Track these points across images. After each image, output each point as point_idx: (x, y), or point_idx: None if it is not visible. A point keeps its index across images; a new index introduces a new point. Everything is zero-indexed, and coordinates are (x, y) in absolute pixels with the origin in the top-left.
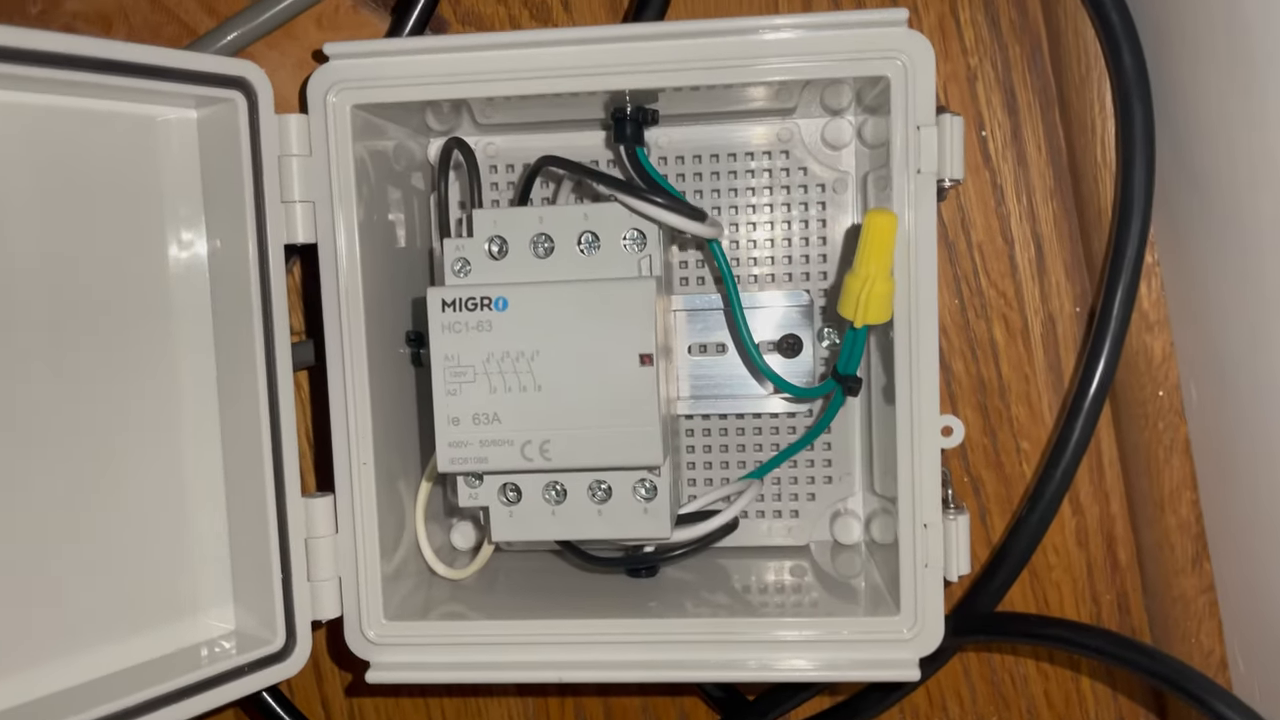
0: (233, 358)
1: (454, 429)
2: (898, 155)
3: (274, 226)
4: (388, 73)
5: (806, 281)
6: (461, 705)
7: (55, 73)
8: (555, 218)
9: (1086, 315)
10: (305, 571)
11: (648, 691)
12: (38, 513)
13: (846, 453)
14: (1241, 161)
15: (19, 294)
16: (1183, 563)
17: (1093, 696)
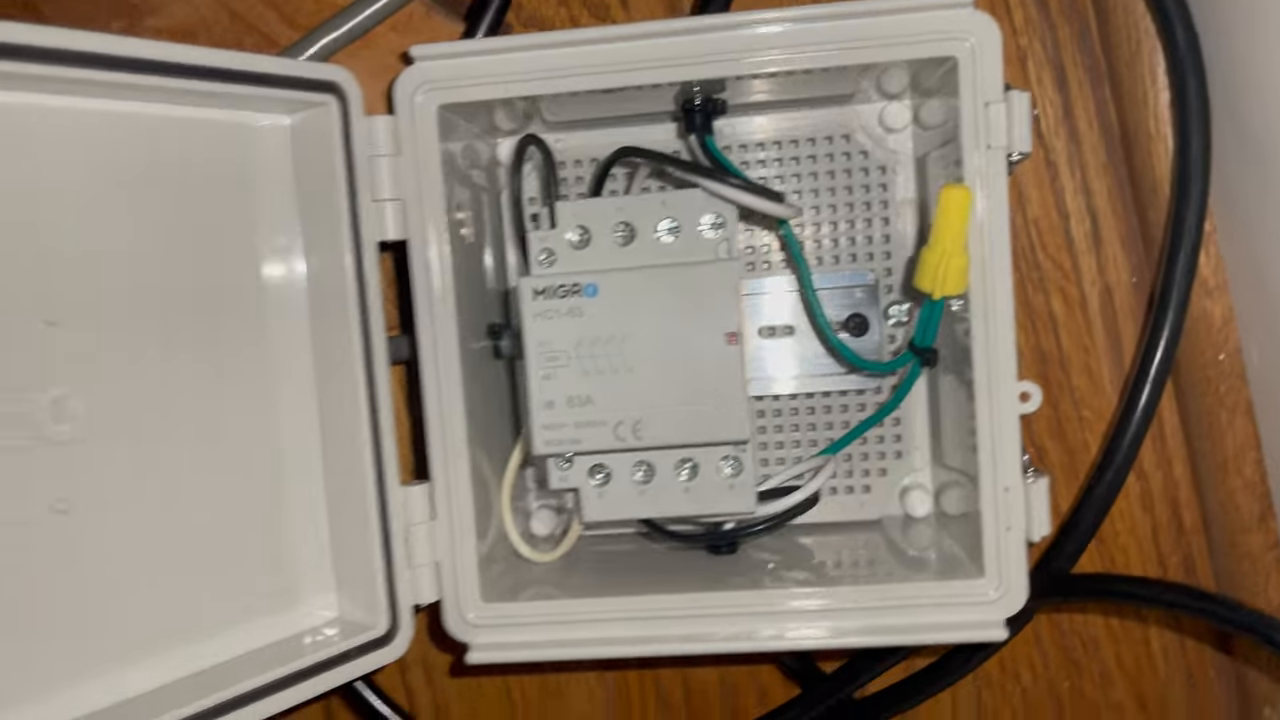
0: (331, 353)
1: (549, 412)
2: (968, 132)
3: (367, 224)
4: (469, 73)
5: (870, 261)
6: (541, 684)
7: (162, 80)
8: (635, 206)
9: (1145, 285)
10: (405, 558)
11: (725, 663)
12: (145, 507)
13: (914, 428)
14: None
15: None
16: (1249, 521)
17: (1163, 657)
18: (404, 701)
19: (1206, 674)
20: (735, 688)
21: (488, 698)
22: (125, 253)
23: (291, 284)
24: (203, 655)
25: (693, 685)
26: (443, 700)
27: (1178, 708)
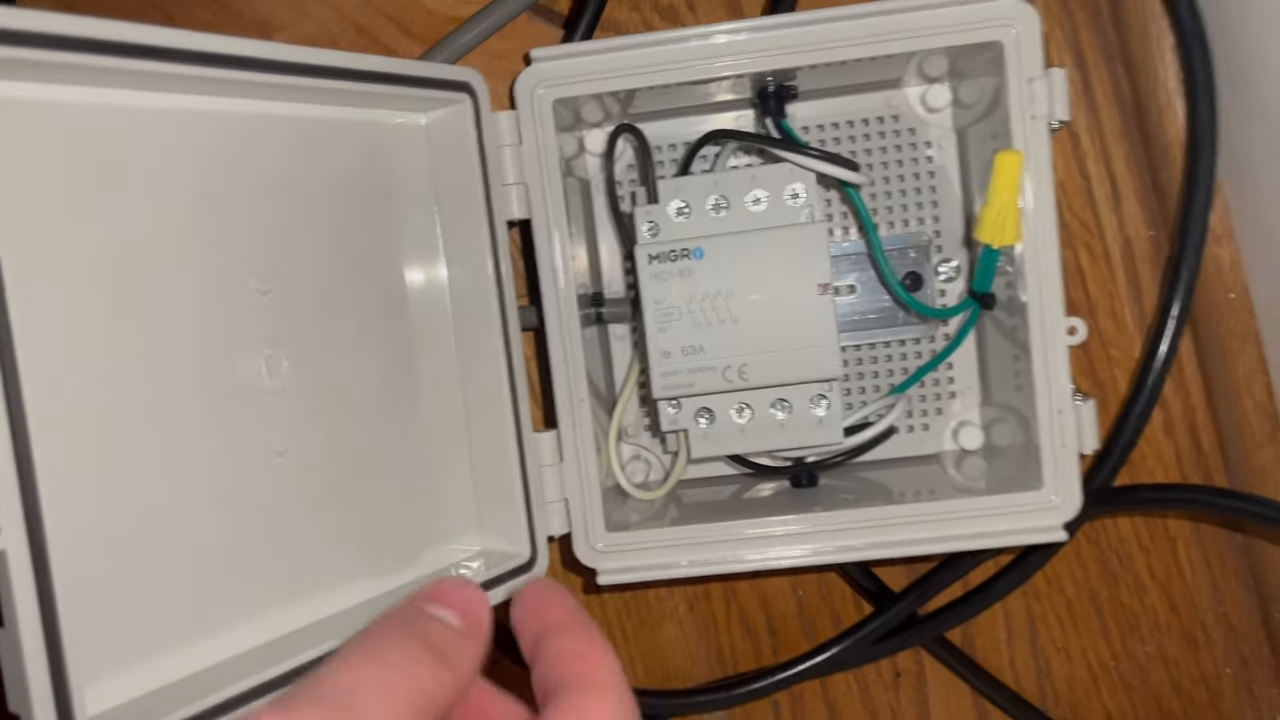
0: (472, 319)
1: (666, 360)
2: (1015, 105)
3: (497, 206)
4: (579, 70)
5: (921, 225)
6: (639, 621)
7: (320, 82)
8: (727, 181)
9: (1160, 238)
10: (540, 495)
11: (803, 587)
12: (334, 455)
13: (965, 371)
14: None
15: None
16: (1261, 438)
17: (1189, 565)
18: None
19: (1229, 580)
20: (812, 612)
21: None
22: (305, 233)
23: (433, 262)
24: (380, 584)
25: (773, 611)
26: None
27: (1205, 610)
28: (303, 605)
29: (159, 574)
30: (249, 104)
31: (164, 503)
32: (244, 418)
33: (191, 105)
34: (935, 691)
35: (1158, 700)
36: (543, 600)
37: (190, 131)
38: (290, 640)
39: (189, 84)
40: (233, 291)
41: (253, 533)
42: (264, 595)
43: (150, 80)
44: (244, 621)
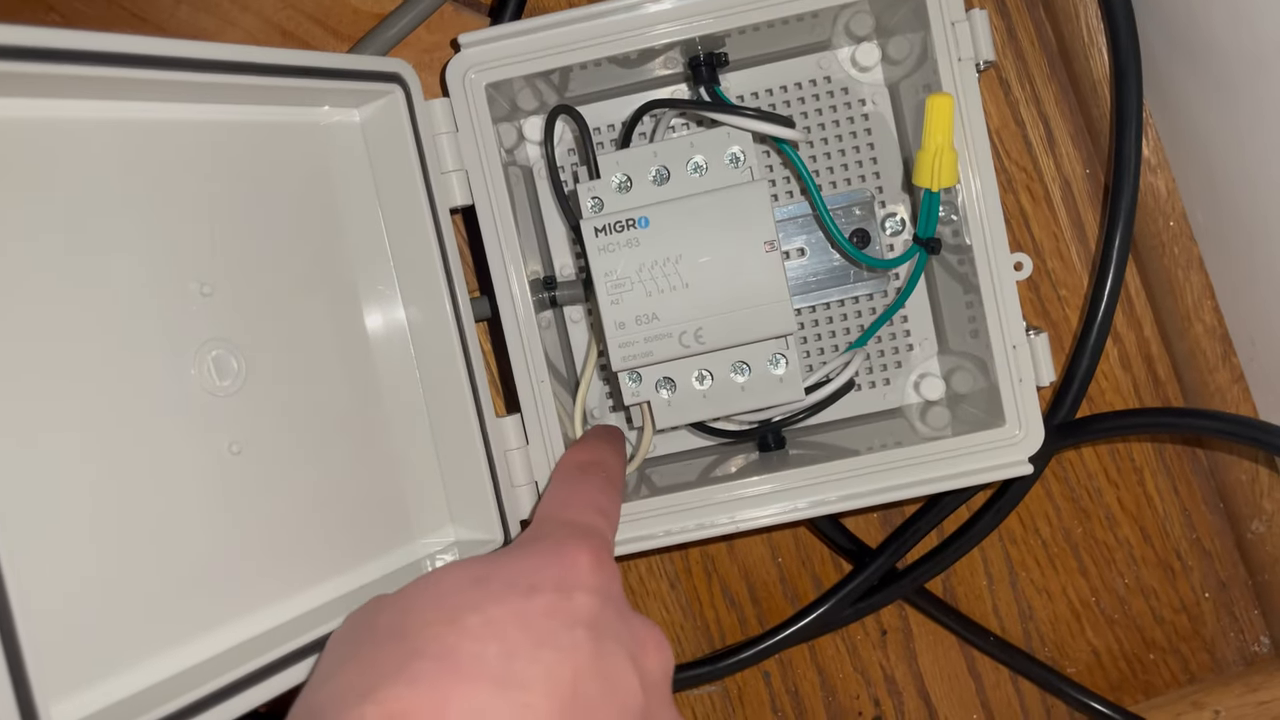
0: (425, 311)
1: (621, 332)
2: (940, 49)
3: (439, 194)
4: (509, 53)
5: (863, 182)
6: None
7: (250, 79)
8: (667, 150)
9: (1097, 175)
10: (508, 479)
11: (782, 554)
12: (294, 451)
13: (919, 322)
14: (1214, 12)
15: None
16: (1214, 361)
17: (1157, 494)
18: None
19: (1199, 505)
20: (793, 578)
21: None
22: (246, 235)
23: (380, 257)
24: (350, 581)
25: (754, 581)
26: None
27: (1179, 537)
28: (273, 605)
29: (119, 583)
30: (181, 108)
31: (118, 510)
32: (195, 418)
33: (123, 113)
34: (922, 645)
35: (1141, 631)
36: (586, 440)
37: (123, 138)
38: (261, 640)
39: (118, 88)
40: (173, 294)
41: (214, 535)
42: (232, 597)
43: (79, 86)
44: (212, 625)
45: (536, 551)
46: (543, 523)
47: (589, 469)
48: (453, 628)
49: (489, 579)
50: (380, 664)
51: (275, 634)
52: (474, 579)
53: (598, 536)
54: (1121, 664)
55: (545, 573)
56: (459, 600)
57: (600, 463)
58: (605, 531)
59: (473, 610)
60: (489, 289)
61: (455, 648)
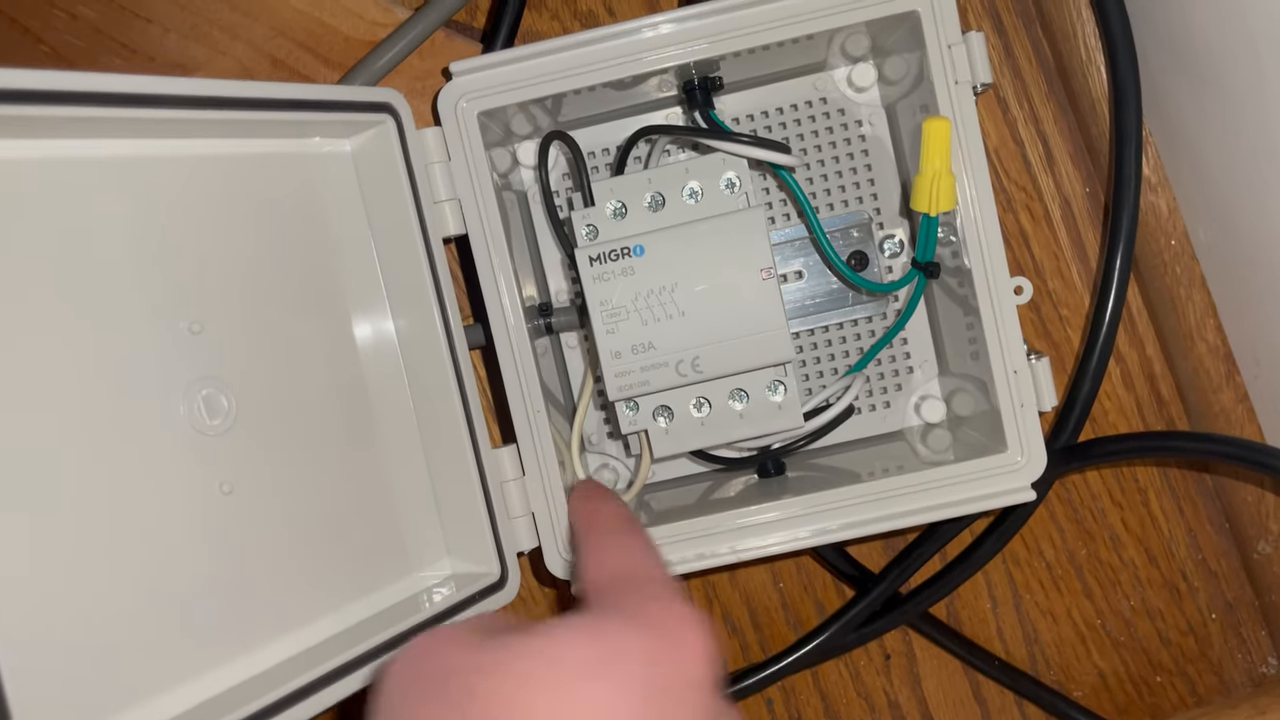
0: (419, 342)
1: (618, 362)
2: (937, 72)
3: (431, 224)
4: (501, 81)
5: (860, 204)
6: None
7: (239, 114)
8: (662, 176)
9: (1097, 193)
10: (504, 511)
11: (783, 580)
12: (288, 489)
13: (921, 344)
14: (1212, 30)
15: (245, 306)
16: (1218, 381)
17: (1162, 515)
18: None
19: (1204, 526)
20: (795, 604)
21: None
22: (237, 271)
23: (374, 288)
24: (347, 618)
25: (756, 607)
26: None
27: (1184, 558)
28: (267, 645)
29: (108, 626)
30: (170, 144)
31: (107, 552)
32: (185, 458)
33: (111, 150)
34: (927, 670)
35: (1147, 654)
36: (590, 499)
37: (112, 176)
38: (256, 682)
39: (107, 127)
40: (163, 333)
41: (205, 576)
42: (225, 638)
43: (67, 127)
44: (205, 668)
45: (648, 623)
46: (625, 588)
47: (621, 521)
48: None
49: (612, 660)
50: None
51: (271, 675)
52: (598, 660)
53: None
54: (1128, 686)
55: (669, 655)
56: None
57: (620, 514)
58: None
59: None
60: (483, 316)
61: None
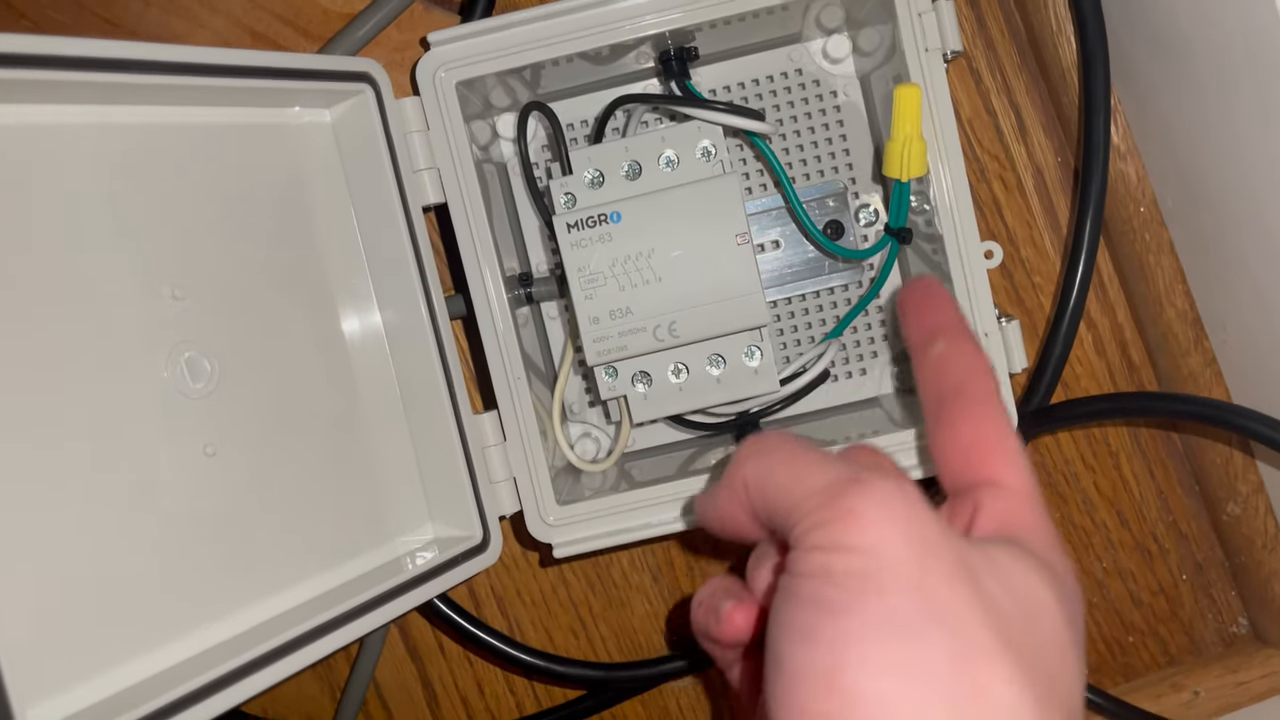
0: (400, 310)
1: (595, 327)
2: (907, 39)
3: (411, 192)
4: (479, 50)
5: (836, 174)
6: (606, 599)
7: (220, 81)
8: (639, 145)
9: (1068, 162)
10: (486, 476)
11: None
12: (271, 451)
13: (895, 312)
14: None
15: (227, 272)
16: (1186, 345)
17: (1134, 478)
18: (466, 598)
19: (1175, 489)
20: None
21: (558, 619)
22: (218, 239)
23: (355, 256)
24: (330, 579)
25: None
26: (517, 625)
27: (1155, 520)
28: (250, 606)
29: (94, 586)
30: (151, 111)
31: (93, 512)
32: (169, 421)
33: (91, 117)
34: None
35: (1119, 615)
36: (930, 297)
37: (92, 142)
38: (239, 640)
39: (87, 93)
40: (145, 298)
41: (190, 537)
42: (209, 598)
43: (47, 91)
44: (190, 627)
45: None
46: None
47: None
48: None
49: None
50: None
51: (253, 634)
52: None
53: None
54: (1100, 647)
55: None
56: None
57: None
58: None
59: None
60: (464, 286)
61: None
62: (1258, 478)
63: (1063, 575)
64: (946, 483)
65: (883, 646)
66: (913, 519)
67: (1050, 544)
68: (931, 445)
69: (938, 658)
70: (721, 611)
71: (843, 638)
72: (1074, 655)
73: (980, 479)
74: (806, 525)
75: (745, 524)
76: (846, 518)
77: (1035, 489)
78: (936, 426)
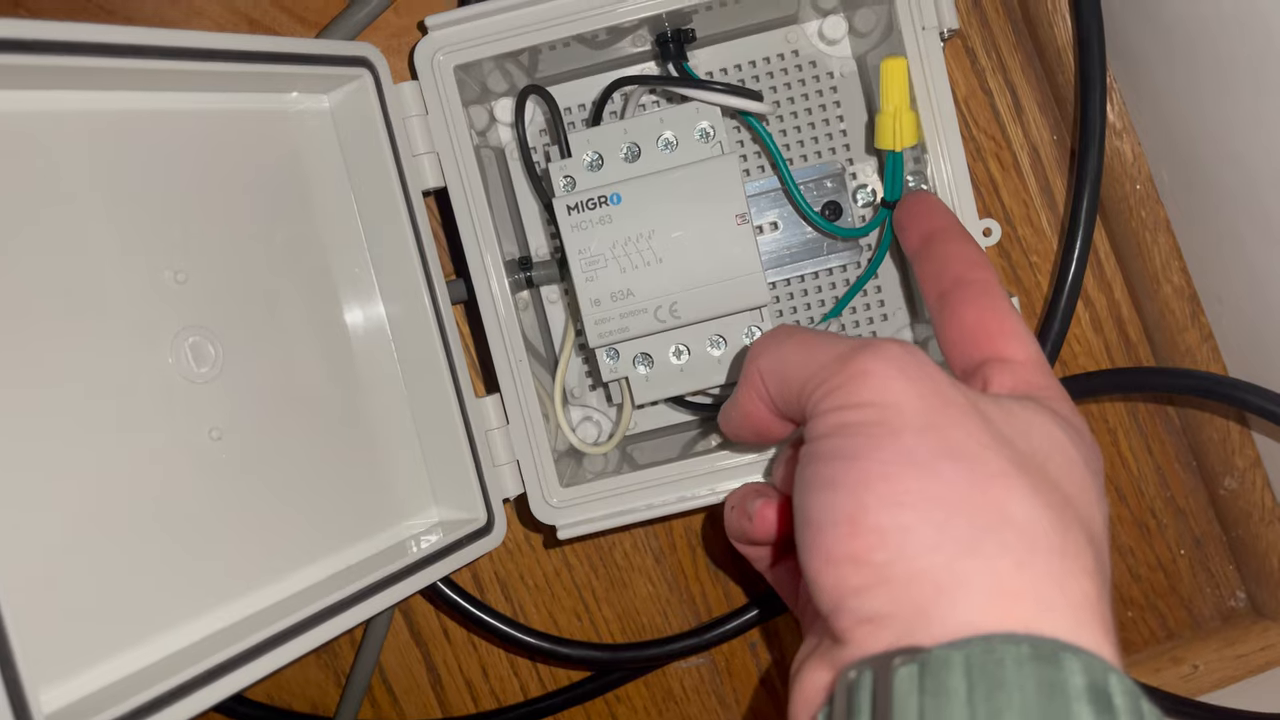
0: (401, 295)
1: (597, 309)
2: (904, 17)
3: (411, 177)
4: (476, 34)
5: (834, 155)
6: (609, 580)
7: (218, 66)
8: (637, 127)
9: (1064, 141)
10: (489, 458)
11: None
12: (278, 435)
13: (894, 292)
14: None
15: (228, 256)
16: (1183, 321)
17: (1131, 455)
18: (469, 581)
19: (1172, 464)
20: None
21: (562, 602)
22: (219, 223)
23: (355, 242)
24: (336, 563)
25: (740, 554)
26: (521, 609)
27: (1153, 496)
28: (258, 589)
29: (104, 570)
30: (151, 97)
31: (100, 497)
32: (174, 405)
33: (91, 103)
34: None
35: (1118, 590)
36: (924, 206)
37: (92, 128)
38: (248, 623)
39: (86, 78)
40: (147, 283)
41: (197, 520)
42: (217, 581)
43: (47, 77)
44: (198, 610)
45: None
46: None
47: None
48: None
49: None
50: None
51: (259, 617)
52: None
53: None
54: None
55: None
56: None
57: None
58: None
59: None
60: (464, 271)
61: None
62: (1255, 452)
63: (1078, 426)
64: (955, 367)
65: (901, 483)
66: (923, 372)
67: (1063, 401)
68: (938, 336)
69: (954, 485)
70: (752, 510)
71: (863, 480)
72: (1091, 485)
73: (988, 356)
74: (821, 393)
75: (766, 419)
76: (859, 377)
77: (1043, 358)
78: (940, 317)
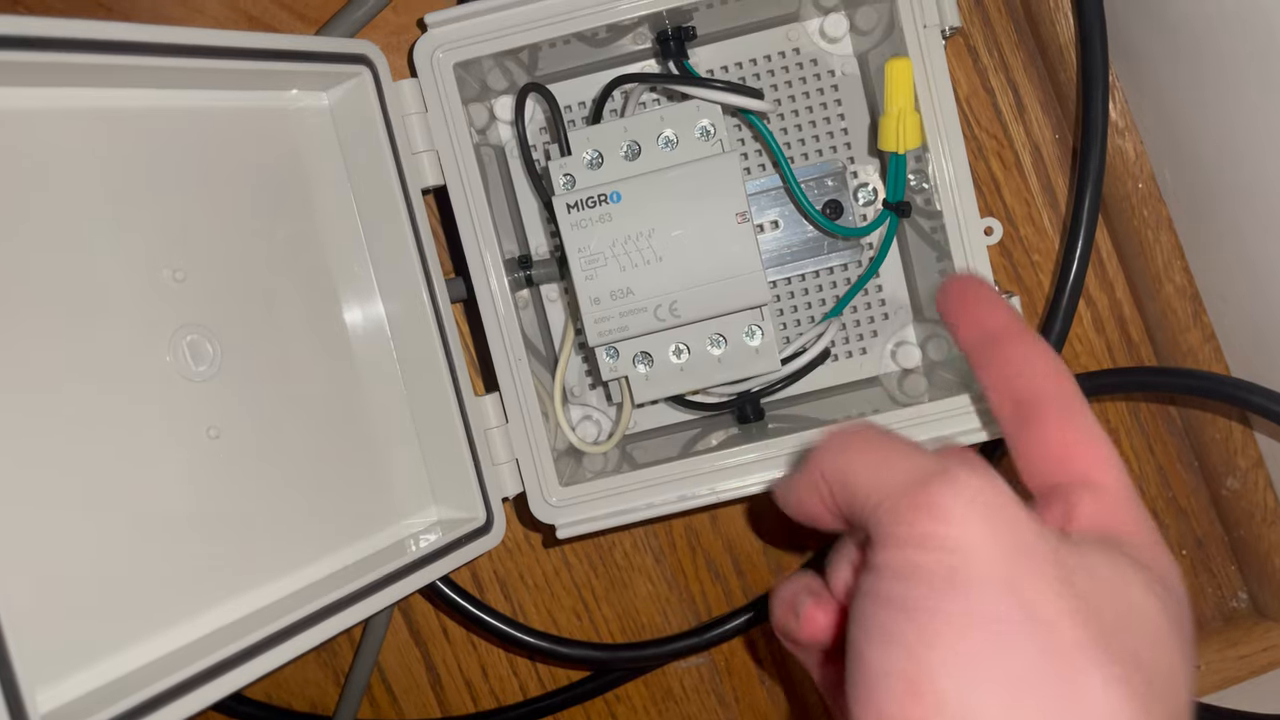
0: (400, 294)
1: (597, 308)
2: (905, 15)
3: (410, 175)
4: (476, 31)
5: (835, 153)
6: (609, 580)
7: (217, 63)
8: (638, 125)
9: (1066, 140)
10: (488, 457)
11: (766, 527)
12: (276, 434)
13: (896, 290)
14: None
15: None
16: (1185, 321)
17: (1133, 455)
18: (469, 580)
19: (1174, 464)
20: (776, 549)
21: (561, 602)
22: (218, 221)
23: (354, 240)
24: (334, 563)
25: (738, 553)
26: (521, 608)
27: (1155, 496)
28: (256, 589)
29: (101, 569)
30: (149, 94)
31: (98, 496)
32: (172, 404)
33: (89, 100)
34: None
35: None
36: (973, 295)
37: (90, 125)
38: (246, 622)
39: (85, 75)
40: (146, 281)
41: (195, 520)
42: (215, 581)
43: (45, 74)
44: (196, 610)
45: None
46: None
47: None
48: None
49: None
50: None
51: (257, 616)
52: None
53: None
54: None
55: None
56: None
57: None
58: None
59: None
60: (464, 269)
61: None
62: (1257, 452)
63: (1166, 578)
64: (1034, 484)
65: (968, 649)
66: (1003, 514)
67: (1153, 545)
68: (1014, 450)
69: (1028, 659)
70: (801, 611)
71: (926, 640)
72: (1179, 661)
73: (1072, 479)
74: (889, 520)
75: (824, 516)
76: (931, 512)
77: (1132, 488)
78: (1017, 431)
